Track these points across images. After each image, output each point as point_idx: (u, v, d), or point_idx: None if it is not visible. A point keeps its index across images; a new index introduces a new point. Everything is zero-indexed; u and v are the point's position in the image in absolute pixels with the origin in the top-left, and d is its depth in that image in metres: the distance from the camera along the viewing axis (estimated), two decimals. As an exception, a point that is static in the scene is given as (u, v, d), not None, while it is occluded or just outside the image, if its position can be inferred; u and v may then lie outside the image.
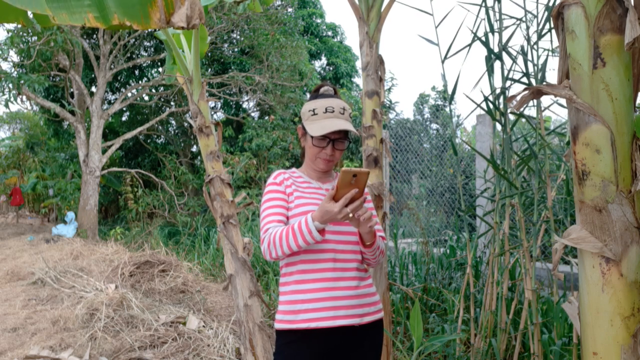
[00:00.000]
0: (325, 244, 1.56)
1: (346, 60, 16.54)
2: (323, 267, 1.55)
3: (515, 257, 3.01)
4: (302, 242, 1.45)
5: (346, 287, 1.56)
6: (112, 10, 1.55)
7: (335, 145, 1.61)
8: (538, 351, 2.32)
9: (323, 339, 1.53)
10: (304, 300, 1.54)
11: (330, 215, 1.39)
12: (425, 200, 7.35)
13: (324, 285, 1.54)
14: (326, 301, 1.53)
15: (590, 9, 1.09)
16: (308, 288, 1.54)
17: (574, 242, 1.11)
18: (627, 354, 1.05)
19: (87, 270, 6.20)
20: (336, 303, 1.53)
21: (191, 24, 1.56)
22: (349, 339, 1.56)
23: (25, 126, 23.66)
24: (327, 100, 1.63)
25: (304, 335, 1.52)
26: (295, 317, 1.53)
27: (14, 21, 1.98)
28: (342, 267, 1.57)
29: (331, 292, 1.54)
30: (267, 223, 1.56)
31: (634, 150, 1.08)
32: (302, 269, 1.56)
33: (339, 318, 1.53)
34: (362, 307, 1.59)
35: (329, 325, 1.51)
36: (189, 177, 11.91)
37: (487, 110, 2.43)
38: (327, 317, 1.52)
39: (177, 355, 3.52)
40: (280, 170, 1.69)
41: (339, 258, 1.57)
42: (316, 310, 1.52)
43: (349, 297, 1.56)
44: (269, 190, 1.64)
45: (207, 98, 3.04)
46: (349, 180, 1.35)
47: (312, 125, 1.59)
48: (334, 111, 1.61)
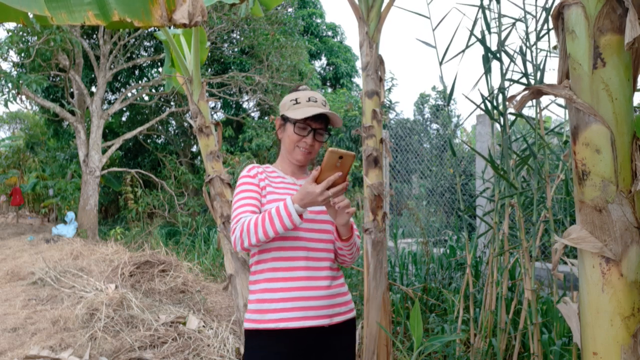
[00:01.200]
0: (298, 241, 1.53)
1: (346, 60, 16.55)
2: (295, 265, 1.52)
3: (515, 257, 3.01)
4: (279, 226, 1.39)
5: (318, 287, 1.53)
6: (112, 7, 1.54)
7: (315, 135, 1.60)
8: (538, 351, 2.32)
9: (292, 339, 1.49)
10: (274, 299, 1.50)
11: (311, 197, 1.35)
12: (425, 200, 7.35)
13: (296, 284, 1.51)
14: (297, 301, 1.50)
15: (590, 9, 1.09)
16: (279, 287, 1.51)
17: (574, 242, 1.11)
18: (627, 354, 1.05)
19: (87, 270, 6.21)
20: (307, 303, 1.50)
21: (193, 21, 1.55)
22: (319, 339, 1.53)
23: (25, 126, 23.66)
24: (308, 92, 1.63)
25: (273, 335, 1.49)
26: (263, 316, 1.50)
27: (14, 20, 1.98)
28: (315, 266, 1.54)
29: (303, 292, 1.51)
30: (240, 213, 1.50)
31: (634, 150, 1.08)
32: (273, 267, 1.53)
33: (308, 319, 1.50)
34: (333, 307, 1.56)
35: (298, 325, 1.48)
36: (189, 177, 11.91)
37: (486, 111, 2.43)
38: (297, 318, 1.49)
39: (177, 355, 3.52)
40: (254, 164, 1.66)
41: (311, 257, 1.54)
42: (286, 310, 1.49)
43: (320, 297, 1.53)
44: (243, 182, 1.59)
45: (207, 98, 3.04)
46: (335, 162, 1.32)
47: (295, 112, 1.57)
48: (317, 101, 1.61)
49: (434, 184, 7.32)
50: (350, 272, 4.59)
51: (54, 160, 14.98)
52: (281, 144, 1.67)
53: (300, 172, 1.69)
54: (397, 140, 7.31)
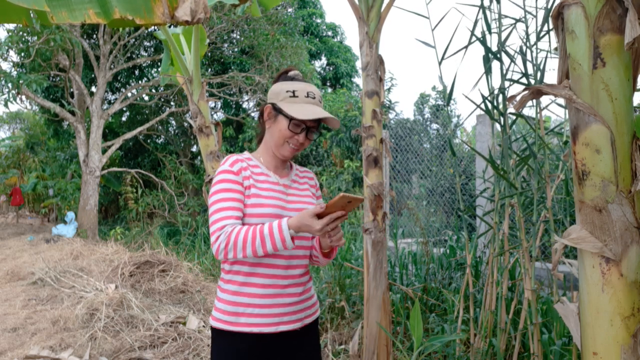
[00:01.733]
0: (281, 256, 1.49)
1: (346, 60, 16.56)
2: (274, 273, 1.48)
3: (515, 257, 3.01)
4: (270, 248, 1.36)
5: (293, 294, 1.52)
6: (113, 5, 1.52)
7: (308, 134, 1.54)
8: (538, 351, 2.32)
9: (265, 342, 1.47)
10: (248, 304, 1.46)
11: (309, 229, 1.34)
12: (425, 200, 7.35)
13: (273, 291, 1.47)
14: (273, 307, 1.47)
15: (590, 9, 1.09)
16: (255, 292, 1.47)
17: (574, 242, 1.11)
18: (627, 354, 1.05)
19: (87, 270, 6.20)
20: (283, 310, 1.49)
21: (196, 18, 1.53)
22: (291, 341, 1.52)
23: (25, 126, 23.67)
24: (305, 84, 1.55)
25: (245, 338, 1.45)
26: (237, 319, 1.46)
27: (17, 21, 1.97)
28: (292, 273, 1.52)
29: (279, 299, 1.48)
30: (223, 219, 1.40)
31: (634, 150, 1.08)
32: (252, 272, 1.48)
33: (283, 324, 1.48)
34: (304, 310, 1.56)
35: (271, 331, 1.47)
36: (189, 177, 11.92)
37: (486, 111, 2.43)
38: (272, 323, 1.46)
39: (177, 355, 3.52)
40: (236, 156, 1.53)
41: (292, 264, 1.52)
42: (261, 316, 1.46)
43: (294, 303, 1.52)
44: (224, 179, 1.47)
45: (207, 98, 3.04)
46: (343, 205, 1.32)
47: (293, 107, 1.49)
48: (315, 98, 1.54)
49: (434, 184, 7.32)
50: (350, 272, 4.59)
51: (54, 160, 14.98)
52: (267, 133, 1.58)
53: (282, 166, 1.61)
54: (397, 140, 7.31)
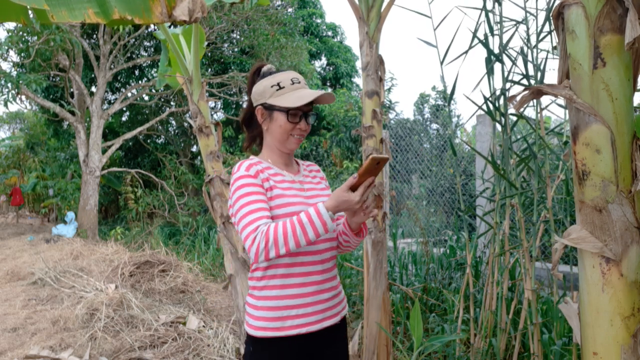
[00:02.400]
0: (314, 245, 1.47)
1: (346, 60, 16.55)
2: (311, 270, 1.46)
3: (515, 257, 3.01)
4: (313, 235, 1.33)
5: (331, 288, 1.52)
6: (112, 4, 1.53)
7: (307, 119, 1.51)
8: (538, 351, 2.32)
9: (307, 342, 1.45)
10: (292, 305, 1.43)
11: (348, 204, 1.32)
12: (425, 200, 7.35)
13: (314, 288, 1.46)
14: (316, 305, 1.46)
15: (590, 9, 1.09)
16: (297, 292, 1.44)
17: (574, 242, 1.11)
18: (627, 354, 1.05)
19: (87, 270, 6.21)
20: (324, 305, 1.48)
21: (193, 17, 1.54)
22: (332, 337, 1.52)
23: (25, 126, 23.66)
24: (286, 73, 1.52)
25: (293, 341, 1.43)
26: (283, 323, 1.43)
27: (15, 20, 1.97)
28: (327, 267, 1.51)
29: (320, 295, 1.47)
30: (255, 220, 1.36)
31: (634, 150, 1.08)
32: (288, 273, 1.45)
33: (325, 319, 1.48)
34: (340, 304, 1.56)
35: (318, 328, 1.46)
36: (189, 177, 11.91)
37: (488, 112, 2.43)
38: (316, 321, 1.46)
39: (177, 355, 3.52)
40: (248, 161, 1.49)
41: (325, 258, 1.50)
42: (306, 315, 1.44)
43: (332, 297, 1.52)
44: (245, 183, 1.42)
45: (207, 98, 3.04)
46: (373, 167, 1.31)
47: (284, 99, 1.46)
48: (300, 82, 1.51)
49: (434, 184, 7.32)
50: (350, 272, 4.58)
51: (54, 160, 14.98)
52: (266, 134, 1.55)
53: (290, 163, 1.59)
54: (397, 140, 7.31)
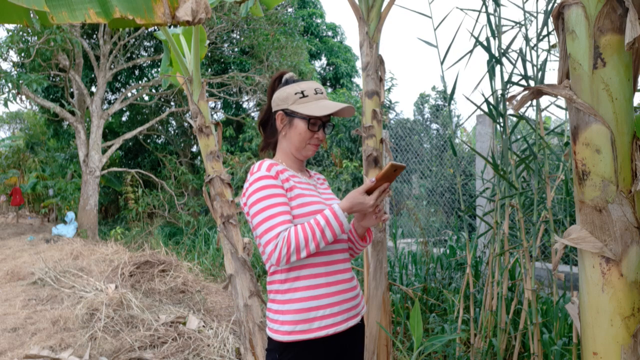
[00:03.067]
0: (336, 244, 1.50)
1: (346, 60, 16.55)
2: (335, 269, 1.49)
3: (515, 257, 3.01)
4: (331, 236, 1.37)
5: (353, 288, 1.54)
6: (113, 4, 1.51)
7: (325, 128, 1.56)
8: (538, 351, 2.32)
9: (334, 343, 1.46)
10: (320, 306, 1.43)
11: (362, 207, 1.37)
12: (425, 200, 7.35)
13: (338, 287, 1.48)
14: (342, 304, 1.47)
15: (590, 9, 1.09)
16: (323, 293, 1.44)
17: (574, 242, 1.11)
18: (627, 354, 1.05)
19: (87, 270, 6.20)
20: (348, 304, 1.50)
21: (197, 18, 1.53)
22: (355, 336, 1.55)
23: (25, 126, 23.66)
24: (310, 82, 1.56)
25: (318, 344, 1.43)
26: (310, 325, 1.42)
27: (17, 22, 1.97)
28: (347, 267, 1.55)
29: (345, 295, 1.49)
30: (276, 226, 1.37)
31: (634, 150, 1.08)
32: (314, 273, 1.45)
33: (351, 318, 1.51)
34: (360, 303, 1.58)
35: (344, 328, 1.47)
36: (189, 177, 11.91)
37: (487, 112, 2.43)
38: (344, 320, 1.47)
39: (177, 355, 3.52)
40: (268, 160, 1.49)
41: (346, 258, 1.56)
42: (333, 315, 1.45)
43: (355, 297, 1.54)
44: (266, 185, 1.42)
45: (207, 98, 3.04)
46: (389, 174, 1.35)
47: (307, 107, 1.49)
48: (323, 93, 1.56)
49: (434, 184, 7.32)
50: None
51: (54, 160, 14.98)
52: (283, 140, 1.56)
53: (303, 168, 1.63)
54: (397, 140, 7.31)
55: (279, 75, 1.62)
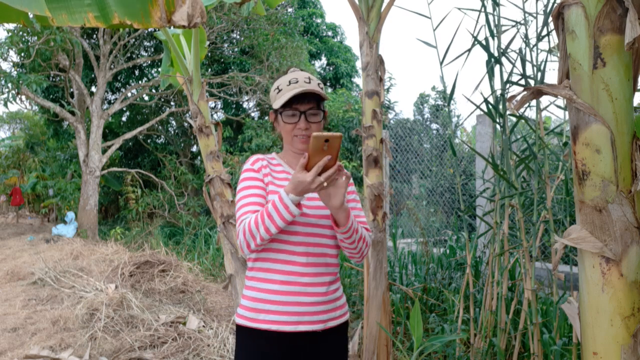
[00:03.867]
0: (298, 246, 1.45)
1: (346, 60, 16.55)
2: (294, 270, 1.45)
3: (515, 257, 3.01)
4: (280, 221, 1.34)
5: (315, 293, 1.46)
6: (112, 9, 1.54)
7: (307, 117, 1.49)
8: (538, 351, 2.32)
9: (284, 342, 1.45)
10: (269, 300, 1.44)
11: (303, 185, 1.29)
12: (425, 200, 7.35)
13: (294, 289, 1.44)
14: (293, 306, 1.43)
15: (590, 9, 1.09)
16: (275, 289, 1.44)
17: (574, 242, 1.11)
18: (627, 354, 1.05)
19: (87, 270, 6.20)
20: (303, 309, 1.44)
21: (192, 22, 1.55)
22: (311, 343, 1.48)
23: (25, 126, 23.66)
24: (290, 74, 1.53)
25: (265, 336, 1.44)
26: (257, 316, 1.44)
27: (15, 21, 1.98)
28: (313, 271, 1.47)
29: (300, 297, 1.44)
30: (243, 214, 1.43)
31: (634, 150, 1.08)
32: (271, 268, 1.46)
33: (303, 323, 1.44)
34: (328, 312, 1.49)
35: (291, 330, 1.43)
36: (189, 177, 11.91)
37: (487, 112, 2.43)
38: (291, 322, 1.43)
39: (177, 355, 3.52)
40: (258, 155, 1.56)
41: (311, 262, 1.47)
42: (280, 314, 1.43)
43: (317, 303, 1.46)
44: (246, 177, 1.50)
45: (207, 98, 3.04)
46: (321, 146, 1.27)
47: (277, 102, 1.49)
48: (298, 81, 1.49)
49: (434, 184, 7.32)
50: (350, 272, 4.58)
51: (54, 160, 14.97)
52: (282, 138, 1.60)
53: None
54: (397, 140, 7.31)
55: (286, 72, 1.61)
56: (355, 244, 1.48)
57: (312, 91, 1.46)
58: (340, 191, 1.36)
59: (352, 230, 1.45)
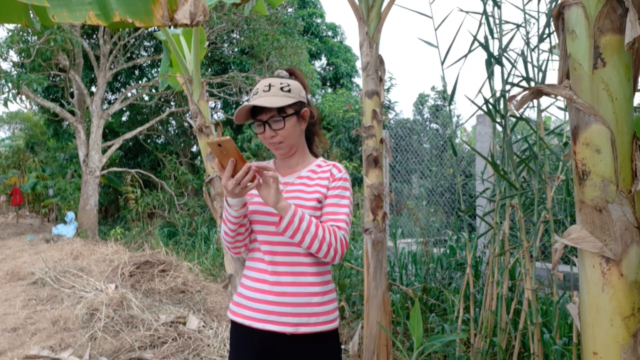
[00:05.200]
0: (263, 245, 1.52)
1: (346, 60, 16.56)
2: (262, 267, 1.51)
3: (515, 257, 3.01)
4: (228, 222, 1.47)
5: (283, 293, 1.46)
6: (113, 7, 1.53)
7: (271, 125, 1.48)
8: (538, 351, 2.32)
9: (258, 338, 1.49)
10: (243, 295, 1.53)
11: (226, 190, 1.38)
12: (425, 200, 7.35)
13: (261, 286, 1.49)
14: (260, 303, 1.48)
15: (590, 9, 1.09)
16: (248, 285, 1.53)
17: (574, 241, 1.11)
18: (627, 354, 1.05)
19: (87, 270, 6.20)
20: (270, 308, 1.47)
21: (195, 20, 1.55)
22: (284, 346, 1.47)
23: (25, 126, 23.65)
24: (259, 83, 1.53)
25: (242, 329, 1.52)
26: (237, 309, 1.53)
27: (17, 21, 1.97)
28: (279, 270, 1.48)
29: (265, 295, 1.48)
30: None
31: (634, 150, 1.08)
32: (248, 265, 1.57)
33: (270, 323, 1.46)
34: (299, 316, 1.45)
35: (259, 327, 1.47)
36: (189, 177, 11.91)
37: (487, 112, 2.43)
38: (260, 320, 1.47)
39: (177, 355, 3.52)
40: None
41: (276, 260, 1.49)
42: (251, 310, 1.50)
43: (285, 304, 1.45)
44: None
45: (207, 98, 3.04)
46: (219, 151, 1.32)
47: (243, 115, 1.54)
48: (258, 92, 1.49)
49: (434, 184, 7.32)
50: (350, 272, 4.58)
51: (54, 160, 14.98)
52: None
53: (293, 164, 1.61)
54: (397, 140, 7.31)
55: None
56: (308, 243, 1.40)
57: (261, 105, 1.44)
58: (268, 191, 1.37)
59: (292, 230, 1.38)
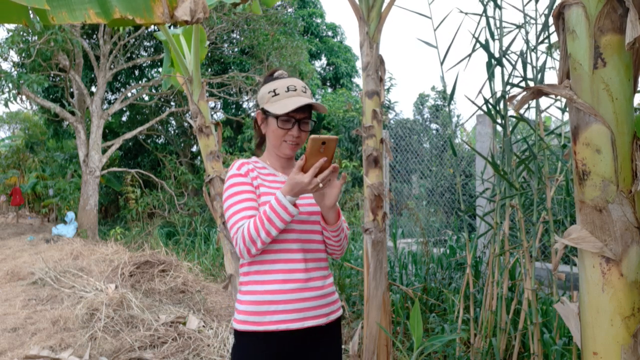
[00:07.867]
0: (294, 243, 1.49)
1: (346, 60, 16.55)
2: (293, 267, 1.48)
3: (515, 257, 3.01)
4: (279, 222, 1.38)
5: (315, 288, 1.50)
6: (113, 4, 1.52)
7: (301, 126, 1.53)
8: (538, 351, 2.32)
9: (291, 340, 1.47)
10: (271, 301, 1.45)
11: (300, 186, 1.34)
12: (425, 200, 7.35)
13: (295, 286, 1.47)
14: (296, 302, 1.46)
15: (590, 9, 1.09)
16: (276, 289, 1.46)
17: (574, 242, 1.11)
18: (627, 354, 1.05)
19: (87, 270, 6.20)
20: (306, 304, 1.48)
21: (195, 17, 1.55)
22: (315, 338, 1.51)
23: (25, 126, 23.63)
24: (286, 79, 1.56)
25: (271, 337, 1.46)
26: (262, 318, 1.45)
27: (17, 22, 1.97)
28: (311, 266, 1.51)
29: (301, 294, 1.47)
30: (238, 220, 1.44)
31: (634, 150, 1.08)
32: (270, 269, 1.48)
33: (308, 319, 1.48)
34: (328, 306, 1.54)
35: (298, 327, 1.46)
36: (189, 177, 11.91)
37: (487, 113, 2.43)
38: (297, 319, 1.46)
39: (177, 355, 3.52)
40: (242, 160, 1.57)
41: (309, 257, 1.51)
42: (286, 312, 1.45)
43: (317, 297, 1.50)
44: (234, 183, 1.50)
45: (207, 98, 3.04)
46: (318, 148, 1.31)
47: (276, 105, 1.51)
48: (296, 89, 1.53)
49: (434, 184, 7.32)
50: (350, 272, 4.58)
51: (54, 160, 14.98)
52: (266, 138, 1.61)
53: (289, 165, 1.63)
54: (397, 140, 7.31)
55: (270, 73, 1.65)
56: (341, 241, 1.56)
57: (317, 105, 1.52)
58: (334, 192, 1.43)
59: (340, 229, 1.53)
